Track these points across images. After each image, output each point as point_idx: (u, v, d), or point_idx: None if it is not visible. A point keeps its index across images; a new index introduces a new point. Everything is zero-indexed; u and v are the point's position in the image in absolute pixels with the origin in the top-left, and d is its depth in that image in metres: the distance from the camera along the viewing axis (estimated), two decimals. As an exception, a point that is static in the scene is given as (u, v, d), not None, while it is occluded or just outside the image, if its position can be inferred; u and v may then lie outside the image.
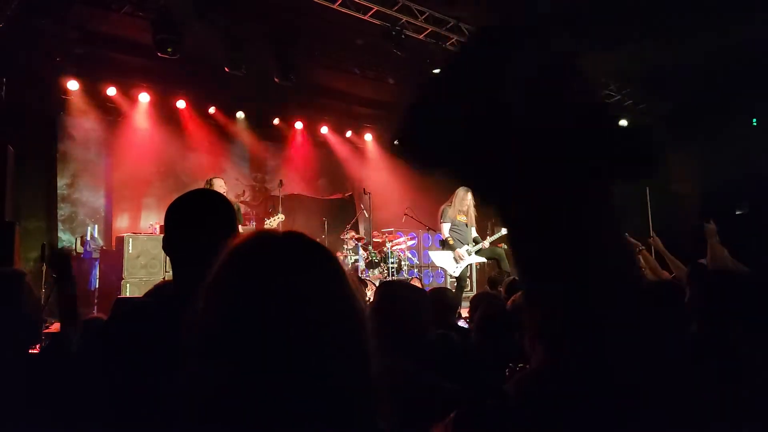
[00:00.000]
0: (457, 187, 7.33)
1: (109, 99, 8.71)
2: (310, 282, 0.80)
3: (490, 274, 7.27)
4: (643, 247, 4.37)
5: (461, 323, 4.30)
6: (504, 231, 7.77)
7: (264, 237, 0.85)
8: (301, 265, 0.81)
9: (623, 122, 10.78)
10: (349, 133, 11.42)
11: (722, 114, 9.48)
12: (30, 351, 1.82)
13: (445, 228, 7.17)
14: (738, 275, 2.58)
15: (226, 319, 0.78)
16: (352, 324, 0.81)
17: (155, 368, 1.04)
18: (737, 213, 9.76)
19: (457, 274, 7.20)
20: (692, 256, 3.83)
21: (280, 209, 7.56)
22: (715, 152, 10.29)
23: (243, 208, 9.88)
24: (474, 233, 7.40)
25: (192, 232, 1.45)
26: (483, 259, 7.49)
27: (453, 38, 8.20)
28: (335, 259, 0.86)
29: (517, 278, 1.23)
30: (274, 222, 7.12)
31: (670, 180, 11.10)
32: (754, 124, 9.93)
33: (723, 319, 2.19)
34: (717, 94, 9.20)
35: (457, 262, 7.17)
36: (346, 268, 0.86)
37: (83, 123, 8.61)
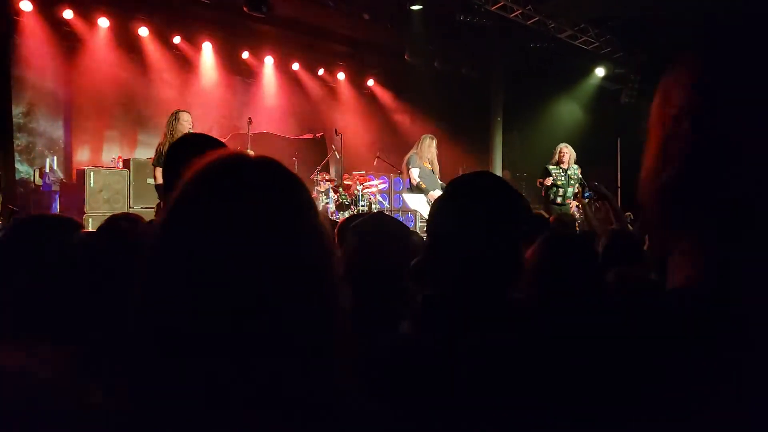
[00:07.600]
0: (421, 135, 7.36)
1: (65, 22, 8.16)
2: (283, 212, 0.75)
3: None
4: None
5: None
6: None
7: (237, 158, 0.79)
8: (274, 193, 0.76)
9: (600, 70, 10.72)
10: (321, 71, 11.06)
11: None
12: None
13: (415, 173, 7.14)
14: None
15: (185, 247, 0.71)
16: (322, 263, 0.77)
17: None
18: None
19: (431, 218, 7.22)
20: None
21: (249, 147, 7.34)
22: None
23: (210, 145, 9.58)
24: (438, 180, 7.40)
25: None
26: None
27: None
28: (308, 191, 0.81)
29: None
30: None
31: (640, 131, 11.22)
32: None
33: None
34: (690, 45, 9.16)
35: (430, 204, 7.19)
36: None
37: (38, 48, 8.07)
